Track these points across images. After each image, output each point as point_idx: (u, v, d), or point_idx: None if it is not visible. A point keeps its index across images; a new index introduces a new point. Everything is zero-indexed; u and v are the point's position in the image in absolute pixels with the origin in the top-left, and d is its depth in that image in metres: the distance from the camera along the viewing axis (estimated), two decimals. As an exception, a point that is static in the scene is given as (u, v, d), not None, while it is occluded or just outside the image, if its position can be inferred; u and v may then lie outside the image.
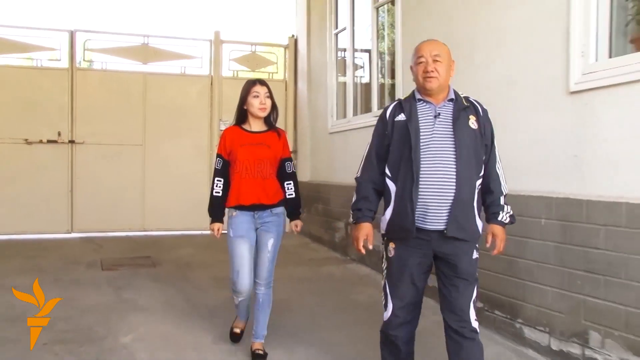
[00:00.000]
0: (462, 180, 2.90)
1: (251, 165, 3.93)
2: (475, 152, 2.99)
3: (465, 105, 3.06)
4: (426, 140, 2.97)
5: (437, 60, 3.04)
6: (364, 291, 5.88)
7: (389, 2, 6.90)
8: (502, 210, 3.08)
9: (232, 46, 10.04)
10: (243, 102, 4.01)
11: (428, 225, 2.96)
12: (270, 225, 4.00)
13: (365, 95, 7.78)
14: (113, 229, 9.32)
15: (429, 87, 3.03)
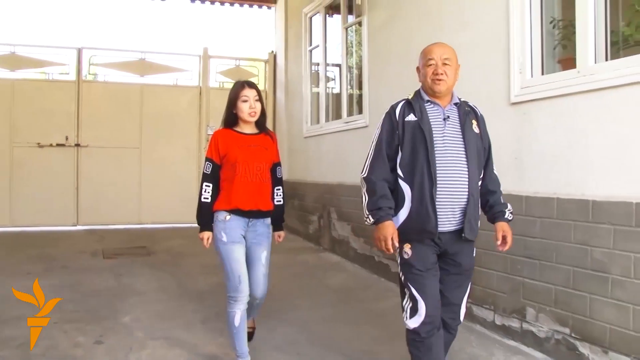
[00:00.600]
0: (472, 182, 2.70)
1: (252, 168, 3.36)
2: (479, 154, 2.78)
3: (467, 109, 2.84)
4: (439, 142, 2.70)
5: (447, 63, 2.78)
6: (336, 276, 5.92)
7: (356, 23, 6.94)
8: (506, 208, 2.84)
9: (219, 61, 10.03)
10: (232, 105, 3.42)
11: (441, 227, 2.69)
12: (262, 238, 3.44)
13: (336, 104, 7.81)
14: (113, 222, 9.28)
15: (438, 89, 2.76)
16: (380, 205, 2.74)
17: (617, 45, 3.48)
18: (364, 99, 6.38)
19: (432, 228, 2.67)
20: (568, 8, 3.58)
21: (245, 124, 3.45)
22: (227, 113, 3.47)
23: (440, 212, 2.67)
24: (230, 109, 3.45)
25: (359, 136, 6.46)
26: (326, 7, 7.85)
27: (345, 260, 6.67)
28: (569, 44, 3.67)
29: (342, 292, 5.29)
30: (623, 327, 3.06)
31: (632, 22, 3.45)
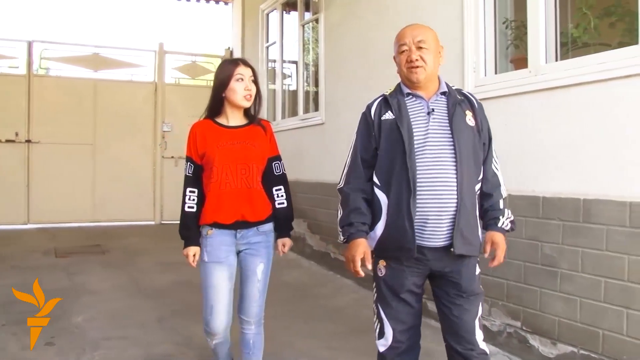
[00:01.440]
0: (463, 187, 2.22)
1: (234, 172, 2.71)
2: (475, 152, 2.31)
3: (459, 98, 2.36)
4: (420, 141, 2.26)
5: (422, 47, 2.32)
6: (291, 273, 5.90)
7: (313, 20, 6.92)
8: (502, 215, 2.36)
9: (175, 56, 9.82)
10: (223, 87, 2.75)
11: (426, 241, 2.26)
12: (258, 248, 2.81)
13: (293, 101, 7.78)
14: (66, 220, 9.01)
15: (415, 79, 2.32)
16: (352, 220, 2.37)
17: (566, 46, 3.55)
18: (320, 96, 6.37)
19: (409, 244, 2.24)
20: (520, 9, 3.64)
21: (234, 112, 2.80)
22: (213, 99, 2.83)
23: (422, 224, 2.24)
24: (218, 92, 2.78)
25: (316, 133, 6.45)
26: (283, 4, 7.80)
27: (302, 258, 6.65)
28: (521, 44, 3.73)
29: (298, 289, 5.28)
30: (571, 319, 3.13)
31: (580, 24, 3.52)
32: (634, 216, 2.82)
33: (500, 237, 2.34)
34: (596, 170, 2.99)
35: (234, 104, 2.77)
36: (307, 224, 6.59)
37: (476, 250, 2.31)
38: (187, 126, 2.93)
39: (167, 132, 9.47)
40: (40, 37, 9.20)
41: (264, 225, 2.83)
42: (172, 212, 9.42)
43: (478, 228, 2.33)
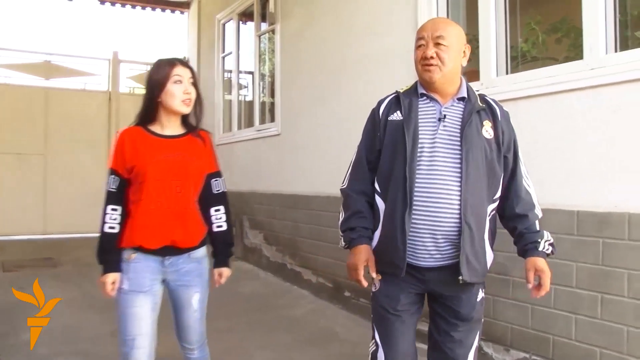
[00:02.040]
0: (469, 206, 1.98)
1: (167, 189, 2.33)
2: (490, 169, 2.05)
3: (480, 106, 2.09)
4: (425, 150, 2.02)
5: (441, 43, 2.05)
6: (247, 284, 5.85)
7: (270, 31, 6.93)
8: (542, 239, 2.08)
9: (129, 65, 9.72)
10: (158, 90, 2.35)
11: (420, 261, 2.05)
12: (190, 277, 2.44)
13: (249, 111, 7.75)
14: (16, 233, 8.73)
15: (428, 77, 2.07)
16: (353, 224, 2.15)
17: (516, 60, 3.66)
18: (277, 107, 6.37)
19: (399, 261, 2.03)
20: (472, 23, 3.73)
21: (170, 119, 2.41)
22: (145, 103, 2.41)
23: (417, 241, 2.02)
24: (152, 96, 2.38)
25: (272, 144, 6.45)
26: (239, 14, 7.79)
27: (258, 269, 6.61)
28: (473, 57, 3.81)
29: (254, 300, 5.25)
30: (523, 326, 3.21)
31: (529, 39, 3.64)
32: (581, 225, 2.92)
33: (544, 263, 2.06)
34: (546, 180, 3.07)
35: (170, 109, 2.37)
36: (264, 235, 6.56)
37: (481, 276, 2.09)
38: None
39: (121, 142, 9.30)
40: (-13, 44, 8.95)
41: (196, 250, 2.45)
42: (126, 224, 9.27)
43: (486, 253, 2.09)
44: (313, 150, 5.50)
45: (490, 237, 2.11)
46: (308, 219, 5.46)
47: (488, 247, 2.10)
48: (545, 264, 2.06)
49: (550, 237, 2.12)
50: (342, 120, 4.95)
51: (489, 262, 2.13)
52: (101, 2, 9.47)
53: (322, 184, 5.24)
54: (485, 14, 3.52)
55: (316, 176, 5.40)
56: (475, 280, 2.06)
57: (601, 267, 2.84)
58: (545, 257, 2.08)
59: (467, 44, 2.15)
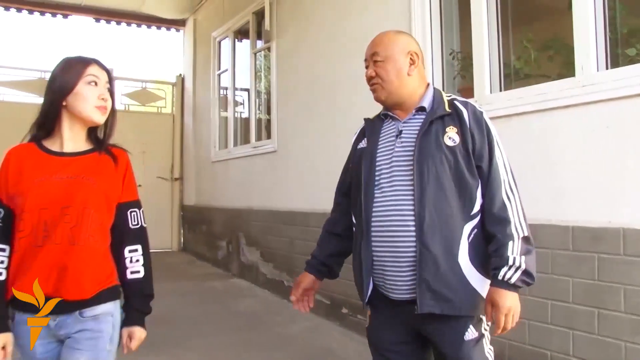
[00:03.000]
0: (427, 228, 1.76)
1: (53, 220, 1.76)
2: (459, 181, 1.81)
3: (443, 112, 1.87)
4: (384, 172, 1.88)
5: (377, 59, 1.95)
6: (244, 302, 5.85)
7: (265, 49, 7.00)
8: (506, 265, 1.75)
9: (125, 82, 9.72)
10: (64, 92, 1.86)
11: (390, 293, 1.87)
12: (80, 339, 1.81)
13: (245, 128, 7.80)
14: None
15: (375, 98, 2.00)
16: (312, 253, 2.20)
17: (510, 77, 3.72)
18: (273, 123, 6.41)
19: (361, 295, 1.94)
20: (466, 41, 3.79)
21: (74, 131, 1.91)
22: (45, 108, 1.93)
23: (381, 273, 1.86)
24: (55, 99, 1.88)
25: (268, 161, 6.48)
26: (235, 32, 7.88)
27: (255, 286, 6.61)
28: (467, 74, 3.88)
29: (251, 318, 5.24)
30: (520, 342, 3.22)
31: (522, 57, 3.70)
32: (576, 240, 2.95)
33: (501, 295, 1.75)
34: (540, 196, 3.10)
35: (78, 116, 1.88)
36: (260, 252, 6.57)
37: (462, 307, 1.80)
38: (139, 154, 2.64)
39: (116, 159, 9.31)
40: (-18, 61, 8.99)
41: (95, 307, 1.83)
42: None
43: (466, 278, 1.80)
44: (309, 167, 5.54)
45: (477, 261, 1.82)
46: (305, 236, 5.48)
47: (473, 273, 1.81)
48: (502, 296, 1.75)
49: (524, 263, 1.76)
50: (337, 136, 4.99)
51: (481, 290, 1.82)
52: (96, 19, 9.53)
53: (319, 200, 5.26)
54: (478, 32, 3.58)
55: (312, 192, 5.43)
56: (450, 312, 1.78)
57: (597, 282, 2.87)
58: (507, 288, 1.75)
59: (414, 51, 1.97)
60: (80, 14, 9.30)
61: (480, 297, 1.82)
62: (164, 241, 9.67)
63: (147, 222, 2.04)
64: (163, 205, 9.66)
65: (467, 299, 1.80)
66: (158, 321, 4.01)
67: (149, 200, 9.75)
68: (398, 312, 1.88)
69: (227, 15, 7.95)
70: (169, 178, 9.73)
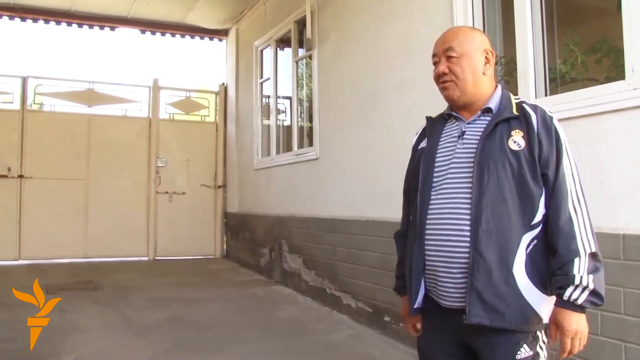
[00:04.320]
0: (482, 234, 1.68)
1: None
2: (521, 187, 1.72)
3: (510, 115, 1.78)
4: (441, 173, 1.81)
5: (451, 55, 1.83)
6: (286, 309, 5.86)
7: (307, 57, 7.03)
8: (572, 284, 1.64)
9: (169, 92, 9.95)
10: None
11: (442, 300, 1.78)
12: None
13: (287, 136, 7.84)
14: (58, 256, 8.97)
15: (446, 97, 1.88)
16: (398, 273, 2.06)
17: (555, 81, 3.63)
18: (314, 131, 6.43)
19: (411, 301, 1.86)
20: (509, 45, 3.72)
21: None
22: None
23: (434, 279, 1.79)
24: None
25: (310, 168, 6.49)
26: (277, 41, 7.93)
27: (297, 293, 6.62)
28: (511, 79, 3.81)
29: (293, 325, 5.24)
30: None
31: (568, 60, 3.60)
32: (627, 249, 2.85)
33: (566, 317, 1.66)
34: (589, 204, 3.01)
35: None
36: (302, 260, 6.57)
37: (514, 321, 1.69)
38: (183, 162, 2.73)
39: (161, 167, 9.51)
40: (35, 73, 9.35)
41: None
42: (165, 248, 9.45)
43: (522, 293, 1.69)
44: (351, 174, 5.52)
45: (533, 274, 1.71)
46: (347, 243, 5.46)
47: (529, 286, 1.70)
48: (568, 317, 1.65)
49: (591, 282, 1.64)
50: (379, 143, 4.97)
51: (539, 307, 1.71)
52: (142, 31, 9.75)
53: (360, 208, 5.25)
54: (522, 35, 3.51)
55: (354, 200, 5.41)
56: (500, 325, 1.68)
57: (649, 292, 2.77)
58: (573, 309, 1.65)
59: (490, 50, 1.87)
60: (127, 26, 9.54)
61: (534, 312, 1.71)
62: (207, 248, 9.79)
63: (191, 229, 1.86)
64: (206, 213, 9.78)
65: (520, 313, 1.69)
66: (201, 327, 4.07)
67: (192, 207, 10.00)
68: (449, 321, 1.80)
69: (269, 24, 8.03)
70: (212, 185, 9.84)
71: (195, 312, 5.54)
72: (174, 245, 9.52)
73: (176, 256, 9.49)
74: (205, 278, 7.83)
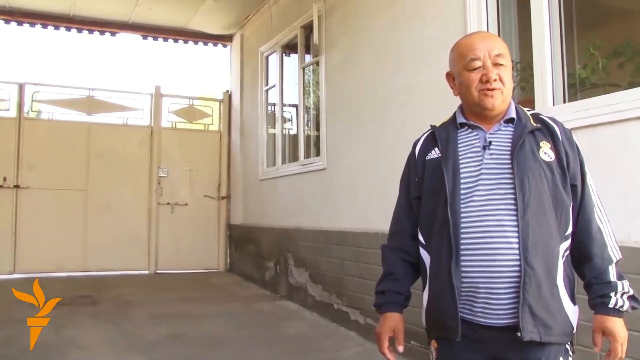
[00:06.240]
0: (530, 245, 1.68)
1: None
2: (556, 198, 1.75)
3: (534, 126, 1.82)
4: (470, 186, 1.78)
5: (500, 63, 1.81)
6: (292, 325, 5.82)
7: (314, 63, 7.03)
8: (614, 291, 1.74)
9: (172, 99, 9.95)
10: None
11: (480, 318, 1.74)
12: None
13: (293, 145, 7.83)
14: (55, 270, 8.95)
15: (490, 105, 1.81)
16: (383, 288, 1.97)
17: (574, 87, 3.59)
18: (322, 140, 6.41)
19: (451, 321, 1.75)
20: (526, 50, 3.70)
21: None
22: None
23: (472, 296, 1.74)
24: None
25: (317, 179, 6.47)
26: (283, 47, 7.94)
27: (303, 308, 6.58)
28: (527, 85, 3.78)
29: (300, 342, 5.20)
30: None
31: (588, 65, 3.57)
32: (652, 263, 2.80)
33: (615, 323, 1.73)
34: (612, 216, 2.96)
35: None
36: (309, 274, 6.53)
37: (558, 334, 1.72)
38: (186, 172, 2.71)
39: (163, 177, 9.51)
40: (32, 79, 9.36)
41: None
42: (167, 261, 9.42)
43: (562, 303, 1.73)
44: (360, 185, 5.49)
45: (567, 285, 1.76)
46: (355, 257, 5.42)
47: (566, 298, 1.74)
48: (617, 324, 1.73)
49: (628, 287, 1.75)
50: (389, 153, 4.94)
51: (573, 318, 1.77)
52: (144, 36, 9.80)
53: (370, 220, 5.21)
54: (539, 39, 3.49)
55: (363, 212, 5.37)
56: (547, 339, 1.69)
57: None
58: (619, 315, 1.74)
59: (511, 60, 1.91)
60: (128, 32, 9.59)
61: (571, 324, 1.77)
62: (210, 261, 9.76)
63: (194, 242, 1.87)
64: (209, 225, 9.76)
65: (563, 325, 1.74)
66: (205, 344, 4.04)
67: (195, 219, 9.98)
68: (479, 341, 1.76)
69: (274, 29, 8.04)
70: (216, 196, 9.84)
71: (198, 328, 5.51)
72: (176, 259, 9.50)
73: (178, 270, 9.47)
74: (209, 292, 7.80)
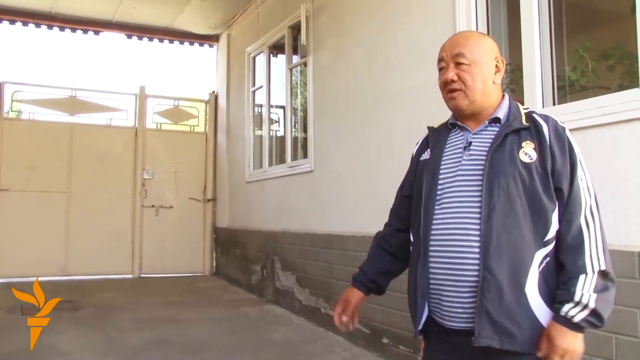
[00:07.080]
0: (494, 251, 1.65)
1: None
2: (532, 201, 1.69)
3: (520, 126, 1.76)
4: (445, 187, 1.79)
5: (461, 62, 1.80)
6: (279, 330, 5.80)
7: (301, 64, 7.02)
8: (572, 300, 1.63)
9: (157, 100, 9.89)
10: None
11: (446, 321, 1.75)
12: None
13: (280, 147, 7.82)
14: (36, 274, 8.72)
15: (452, 106, 1.86)
16: (359, 266, 2.11)
17: (564, 89, 3.61)
18: (309, 142, 6.40)
19: (415, 323, 1.82)
20: (515, 52, 3.71)
21: None
22: None
23: (438, 299, 1.75)
24: None
25: (304, 181, 6.46)
26: (270, 47, 7.93)
27: (290, 313, 6.56)
28: (517, 87, 3.79)
29: (286, 347, 5.18)
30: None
31: (577, 67, 3.59)
32: (642, 267, 2.81)
33: (560, 333, 1.63)
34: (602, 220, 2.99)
35: None
36: (296, 277, 6.52)
37: (526, 343, 1.67)
38: (171, 174, 2.73)
39: (148, 179, 9.45)
40: (12, 78, 9.24)
41: None
42: (151, 265, 9.37)
43: (531, 311, 1.67)
44: (348, 188, 5.49)
45: (544, 293, 1.69)
46: (343, 260, 5.41)
47: (541, 306, 1.68)
48: (562, 334, 1.63)
49: (593, 301, 1.62)
50: (377, 156, 4.94)
51: None
52: (128, 36, 9.72)
53: (358, 223, 5.20)
54: (529, 41, 3.50)
55: (351, 215, 5.37)
56: (512, 347, 1.65)
57: (666, 314, 2.73)
58: (568, 326, 1.63)
59: (500, 57, 1.87)
60: (112, 31, 9.52)
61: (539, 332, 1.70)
62: (195, 265, 9.72)
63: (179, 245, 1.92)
64: (195, 228, 9.72)
65: (533, 335, 1.67)
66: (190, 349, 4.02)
67: (180, 222, 9.92)
68: (453, 345, 1.77)
69: (261, 30, 8.03)
70: (202, 199, 9.79)
71: (183, 333, 5.48)
72: (161, 262, 9.44)
73: (163, 273, 9.41)
74: (194, 297, 7.76)
